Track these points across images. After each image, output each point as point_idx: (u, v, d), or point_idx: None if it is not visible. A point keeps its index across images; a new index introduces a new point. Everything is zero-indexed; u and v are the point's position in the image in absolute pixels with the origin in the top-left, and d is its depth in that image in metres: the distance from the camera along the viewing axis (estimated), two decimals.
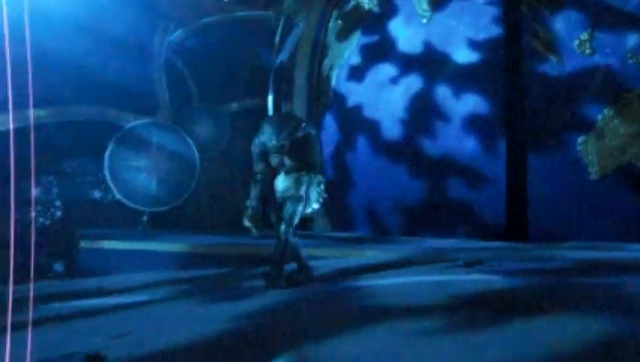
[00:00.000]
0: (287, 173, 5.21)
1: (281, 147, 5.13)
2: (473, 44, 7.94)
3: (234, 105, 9.74)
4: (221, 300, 4.61)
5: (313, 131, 5.52)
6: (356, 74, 8.74)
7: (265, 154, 5.24)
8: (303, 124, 5.37)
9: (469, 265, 5.58)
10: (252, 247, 7.10)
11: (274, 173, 5.28)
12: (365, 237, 8.23)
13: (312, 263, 6.21)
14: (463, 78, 7.88)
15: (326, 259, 6.58)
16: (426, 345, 3.29)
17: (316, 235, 8.46)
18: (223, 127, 9.55)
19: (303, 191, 5.14)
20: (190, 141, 8.75)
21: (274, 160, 5.20)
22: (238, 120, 9.62)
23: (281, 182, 5.23)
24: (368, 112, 8.53)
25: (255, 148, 5.30)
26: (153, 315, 4.27)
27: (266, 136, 5.21)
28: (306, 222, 8.83)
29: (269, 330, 3.61)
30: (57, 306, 4.80)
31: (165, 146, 8.52)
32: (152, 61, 9.08)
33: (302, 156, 5.20)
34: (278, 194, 5.24)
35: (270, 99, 9.63)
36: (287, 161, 5.19)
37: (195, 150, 8.73)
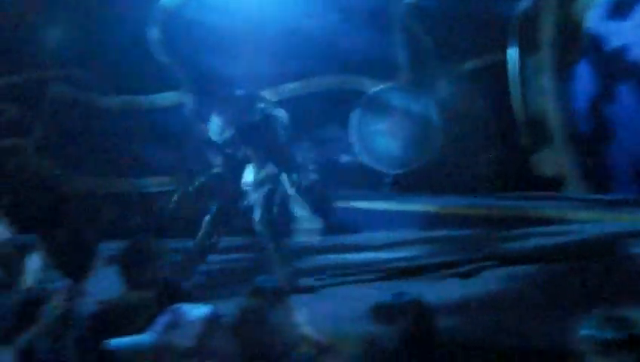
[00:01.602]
0: (257, 168, 4.27)
1: (230, 139, 4.19)
2: None
3: (472, 63, 9.40)
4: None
5: (278, 113, 4.40)
6: (618, 11, 7.63)
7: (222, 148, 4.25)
8: (261, 105, 4.35)
9: None
10: (493, 208, 6.87)
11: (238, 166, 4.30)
12: (629, 199, 7.31)
13: (568, 228, 5.73)
14: None
15: (584, 224, 6.08)
16: None
17: (571, 197, 7.79)
18: (461, 86, 9.33)
19: (263, 194, 4.22)
20: (431, 102, 8.77)
21: (237, 153, 4.28)
22: (477, 77, 9.28)
23: (249, 177, 4.34)
24: (634, 55, 7.42)
25: (208, 142, 4.35)
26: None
27: (214, 129, 4.22)
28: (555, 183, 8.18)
29: (552, 295, 3.49)
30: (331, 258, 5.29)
31: (407, 109, 8.68)
32: (389, 26, 9.25)
33: (265, 145, 4.19)
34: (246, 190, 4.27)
35: (511, 52, 9.02)
36: (252, 153, 4.20)
37: (436, 111, 8.71)
